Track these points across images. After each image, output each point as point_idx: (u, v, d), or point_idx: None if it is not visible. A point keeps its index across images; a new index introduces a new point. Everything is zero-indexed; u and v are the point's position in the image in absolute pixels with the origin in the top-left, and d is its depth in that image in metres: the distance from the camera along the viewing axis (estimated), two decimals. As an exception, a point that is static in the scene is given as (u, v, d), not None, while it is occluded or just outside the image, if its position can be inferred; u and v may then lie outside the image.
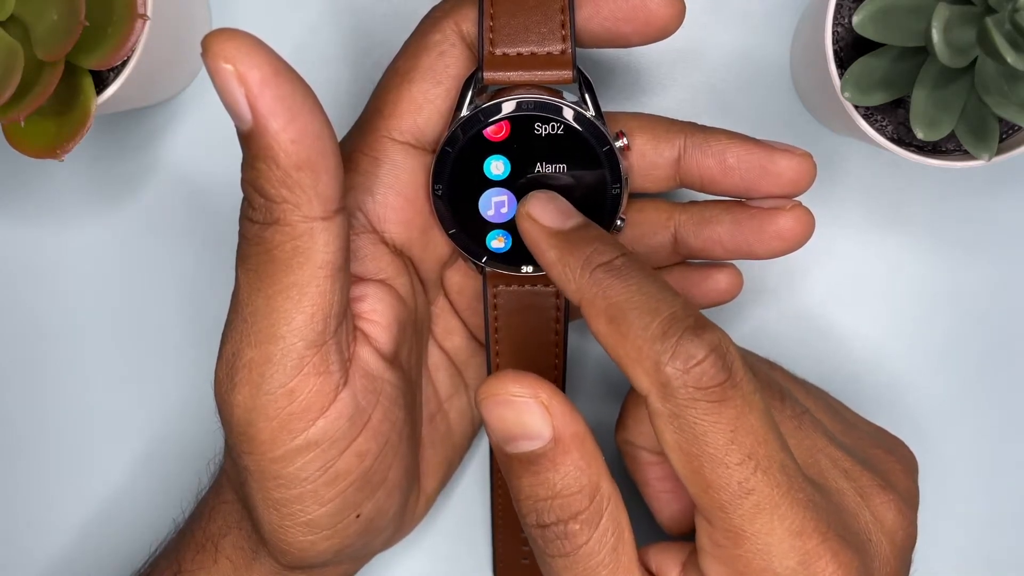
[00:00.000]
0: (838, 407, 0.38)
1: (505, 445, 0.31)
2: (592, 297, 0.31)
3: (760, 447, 0.29)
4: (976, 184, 0.44)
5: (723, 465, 0.29)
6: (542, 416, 0.30)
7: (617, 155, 0.35)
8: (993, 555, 0.44)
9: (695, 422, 0.29)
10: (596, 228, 0.33)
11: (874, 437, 0.37)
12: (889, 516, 0.33)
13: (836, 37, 0.38)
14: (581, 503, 0.30)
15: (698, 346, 0.29)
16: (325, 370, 0.32)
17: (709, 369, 0.29)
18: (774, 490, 0.29)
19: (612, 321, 0.30)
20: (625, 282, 0.30)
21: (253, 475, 0.33)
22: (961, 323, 0.44)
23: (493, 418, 0.31)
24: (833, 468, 0.33)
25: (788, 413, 0.34)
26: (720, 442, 0.29)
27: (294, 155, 0.30)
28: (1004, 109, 0.35)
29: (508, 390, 0.30)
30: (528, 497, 0.31)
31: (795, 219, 0.36)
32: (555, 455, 0.30)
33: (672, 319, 0.29)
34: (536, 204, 0.33)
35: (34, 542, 0.46)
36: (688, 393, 0.29)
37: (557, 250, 0.32)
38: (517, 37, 0.34)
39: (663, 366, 0.29)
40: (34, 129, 0.37)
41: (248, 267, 0.32)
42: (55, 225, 0.45)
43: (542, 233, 0.33)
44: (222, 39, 0.29)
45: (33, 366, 0.45)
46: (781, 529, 0.29)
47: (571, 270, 0.31)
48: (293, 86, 0.29)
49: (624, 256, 0.31)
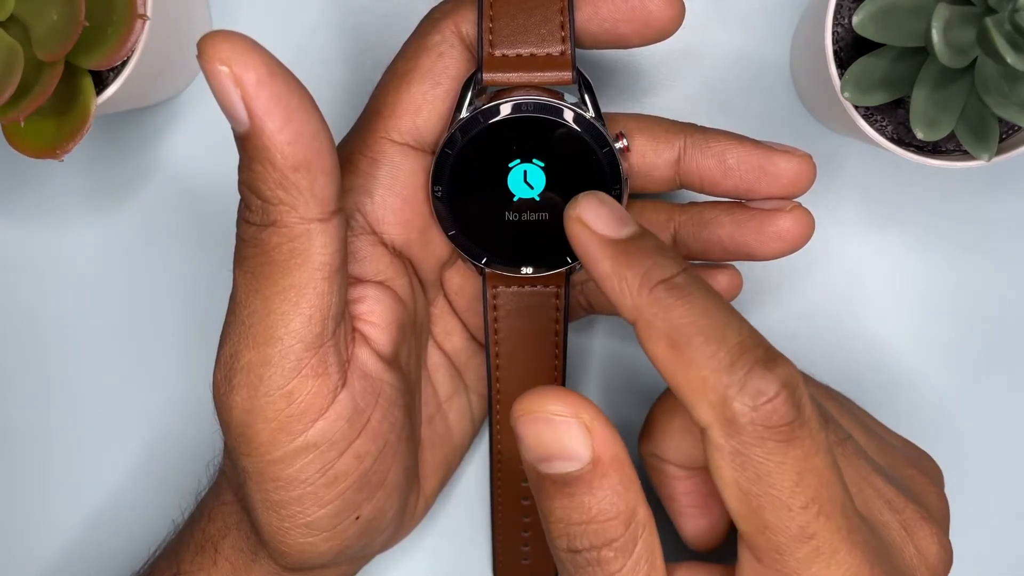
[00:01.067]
0: (865, 419, 0.37)
1: (539, 464, 0.29)
2: (651, 318, 0.29)
3: (824, 489, 0.28)
4: (976, 184, 0.44)
5: (786, 508, 0.28)
6: (583, 437, 0.28)
7: (617, 156, 0.35)
8: (992, 554, 0.44)
9: (760, 462, 0.27)
10: (655, 238, 0.31)
11: (904, 453, 0.36)
12: (933, 550, 0.32)
13: (836, 37, 0.38)
14: (616, 530, 0.29)
15: (770, 381, 0.27)
16: (323, 372, 0.32)
17: (780, 407, 0.27)
18: (835, 535, 0.28)
19: (674, 346, 0.28)
20: (689, 303, 0.28)
21: (252, 477, 0.33)
22: (961, 323, 0.44)
23: (529, 435, 0.29)
24: (878, 499, 0.32)
25: (833, 440, 0.32)
26: (785, 484, 0.28)
27: (290, 156, 0.30)
28: (1004, 109, 0.35)
29: (548, 408, 0.28)
30: (560, 520, 0.29)
31: (795, 220, 0.35)
32: (592, 478, 0.28)
33: (741, 349, 0.28)
34: (588, 207, 0.31)
35: (34, 542, 0.46)
36: (756, 432, 0.27)
37: (613, 261, 0.30)
38: (516, 38, 0.34)
39: (731, 401, 0.27)
40: (34, 129, 0.37)
41: (245, 269, 0.32)
42: (55, 225, 0.45)
43: (595, 241, 0.30)
44: (217, 41, 0.29)
45: (32, 366, 0.45)
46: (838, 574, 0.28)
47: (628, 285, 0.29)
48: (289, 87, 0.29)
49: (686, 273, 0.29)
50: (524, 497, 0.41)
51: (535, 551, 0.42)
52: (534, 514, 0.41)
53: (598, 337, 0.45)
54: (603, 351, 0.45)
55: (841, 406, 0.36)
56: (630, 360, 0.44)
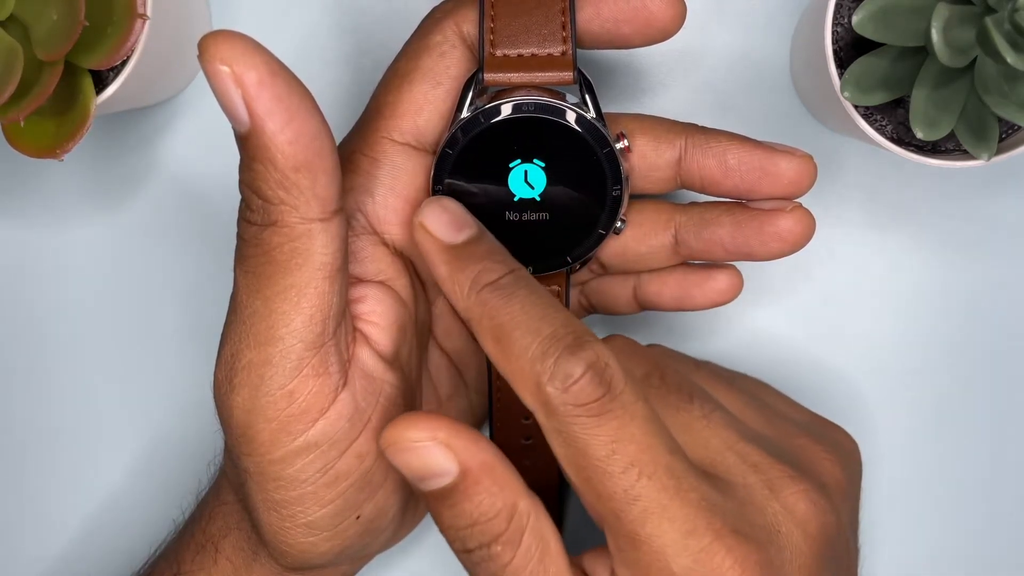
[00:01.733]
0: (769, 398, 0.38)
1: (418, 484, 0.31)
2: (479, 317, 0.31)
3: (643, 454, 0.30)
4: (976, 184, 0.44)
5: (608, 475, 0.30)
6: (444, 454, 0.31)
7: (618, 156, 0.35)
8: (992, 553, 0.44)
9: (577, 436, 0.30)
10: (487, 242, 0.33)
11: (804, 427, 0.36)
12: (800, 506, 0.32)
13: (836, 37, 0.38)
14: (499, 526, 0.31)
15: (575, 364, 0.30)
16: (324, 371, 0.32)
17: (586, 386, 0.30)
18: (661, 494, 0.30)
19: (498, 342, 0.31)
20: (509, 302, 0.31)
21: (253, 477, 0.33)
22: (961, 323, 0.44)
23: (400, 464, 0.31)
24: (741, 464, 0.33)
25: (696, 413, 0.34)
26: (602, 453, 0.30)
27: (291, 156, 0.30)
28: (1004, 109, 0.35)
29: (406, 437, 0.31)
30: (450, 527, 0.31)
31: (796, 220, 0.36)
32: (466, 487, 0.31)
33: (552, 338, 0.30)
34: (429, 214, 0.33)
35: (35, 542, 0.46)
36: (568, 411, 0.30)
37: (447, 266, 0.32)
38: (518, 38, 0.34)
39: (543, 386, 0.30)
40: (34, 129, 0.37)
41: (246, 269, 0.32)
42: (55, 225, 0.45)
43: (434, 245, 0.33)
44: (218, 41, 0.29)
45: (33, 366, 0.45)
46: (672, 530, 0.30)
47: (460, 288, 0.32)
48: (290, 87, 0.29)
49: (512, 274, 0.32)
50: (524, 497, 0.41)
51: (535, 551, 0.42)
52: (534, 514, 0.41)
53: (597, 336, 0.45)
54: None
55: (729, 383, 0.37)
56: (630, 360, 0.44)
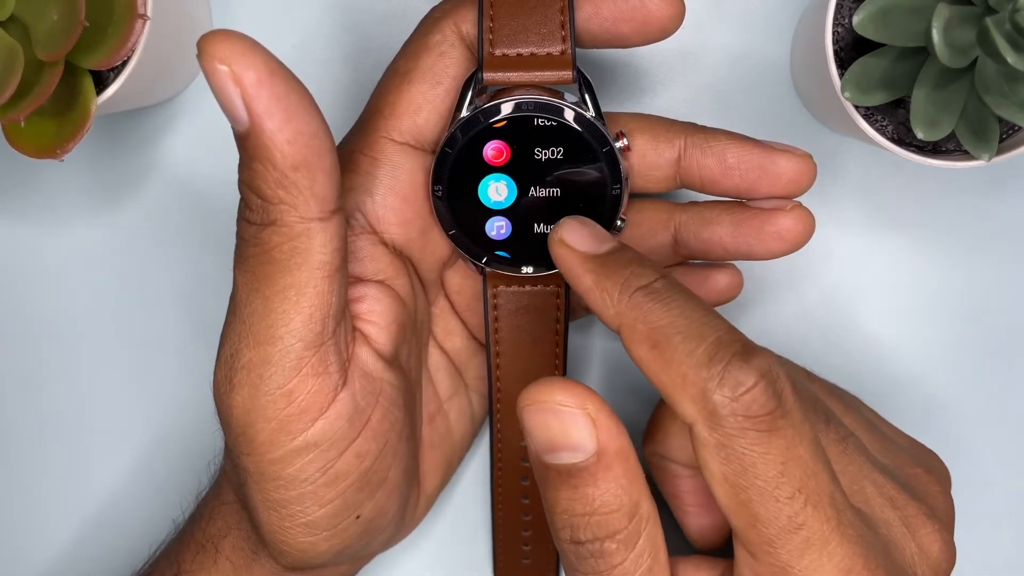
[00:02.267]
0: (872, 418, 0.37)
1: (544, 455, 0.29)
2: (632, 322, 0.30)
3: (810, 480, 0.28)
4: (976, 184, 0.44)
5: (773, 499, 0.28)
6: (588, 428, 0.29)
7: (617, 155, 0.35)
8: (990, 553, 0.44)
9: (744, 453, 0.28)
10: (632, 251, 0.32)
11: (911, 453, 0.36)
12: (935, 548, 0.32)
13: (836, 37, 0.38)
14: (620, 522, 0.29)
15: (747, 373, 0.28)
16: (324, 371, 0.32)
17: (759, 397, 0.28)
18: (824, 525, 0.28)
19: (655, 347, 0.29)
20: (667, 306, 0.29)
21: (252, 476, 0.33)
22: (961, 322, 0.44)
23: (536, 425, 0.29)
24: (879, 496, 0.32)
25: (833, 437, 0.33)
26: (770, 475, 0.28)
27: (290, 156, 0.30)
28: (1004, 109, 0.35)
29: (555, 399, 0.29)
30: (564, 511, 0.30)
31: (795, 219, 0.36)
32: (597, 470, 0.29)
33: (719, 344, 0.28)
34: (569, 230, 0.32)
35: (34, 542, 0.46)
36: (737, 422, 0.28)
37: (594, 275, 0.31)
38: (517, 38, 0.34)
39: (710, 394, 0.28)
40: (34, 129, 0.37)
41: (246, 268, 0.32)
42: (55, 225, 0.45)
43: (576, 259, 0.32)
44: (217, 40, 0.29)
45: (32, 366, 0.45)
46: (830, 566, 0.28)
47: (609, 295, 0.30)
48: (289, 86, 0.29)
49: (664, 279, 0.30)
50: (524, 496, 0.41)
51: (535, 551, 0.42)
52: (534, 514, 0.41)
53: (598, 337, 0.45)
54: (603, 351, 0.45)
55: (846, 404, 0.36)
56: (630, 360, 0.44)
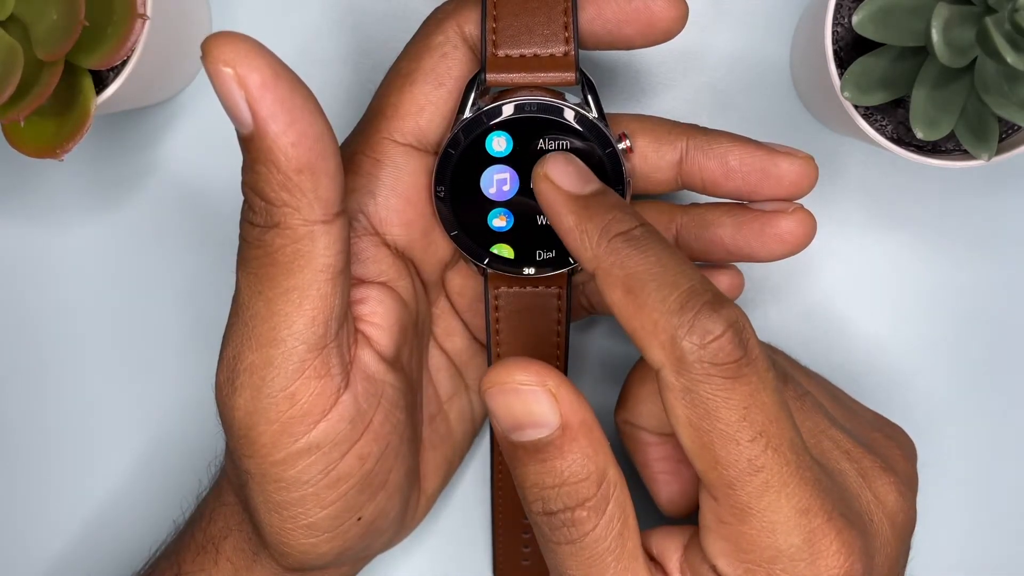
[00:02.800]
0: (838, 393, 0.38)
1: (511, 434, 0.30)
2: (609, 266, 0.30)
3: (772, 425, 0.29)
4: (976, 184, 0.44)
5: (734, 441, 0.29)
6: (550, 404, 0.30)
7: (620, 157, 0.35)
8: (990, 553, 0.44)
9: (708, 397, 0.29)
10: (615, 195, 0.32)
11: (874, 423, 0.37)
12: (890, 498, 0.33)
13: (836, 37, 0.38)
14: (588, 490, 0.30)
15: (716, 321, 0.28)
16: (326, 373, 0.32)
17: (726, 345, 0.28)
18: (783, 468, 0.29)
19: (629, 292, 0.30)
20: (644, 253, 0.30)
21: (254, 478, 0.33)
22: (961, 322, 0.44)
23: (499, 407, 0.30)
24: (835, 449, 0.33)
25: (791, 394, 0.34)
26: (732, 418, 0.29)
27: (294, 158, 0.30)
28: (1004, 109, 0.35)
29: (514, 378, 0.30)
30: (534, 485, 0.31)
31: (797, 222, 0.36)
32: (562, 443, 0.30)
33: (691, 293, 0.29)
34: (554, 166, 0.32)
35: (34, 542, 0.45)
36: (703, 368, 0.29)
37: (575, 216, 0.31)
38: (520, 39, 0.34)
39: (680, 340, 0.29)
40: (34, 129, 0.37)
41: (249, 270, 0.32)
42: (55, 225, 0.45)
43: (559, 196, 0.32)
44: (221, 42, 0.29)
45: (33, 366, 0.45)
46: (788, 507, 0.29)
47: (589, 237, 0.31)
48: (293, 89, 0.29)
49: (643, 227, 0.31)
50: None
51: (535, 551, 0.42)
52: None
53: (599, 337, 0.45)
54: (604, 351, 0.45)
55: (808, 375, 0.37)
56: (631, 360, 0.44)
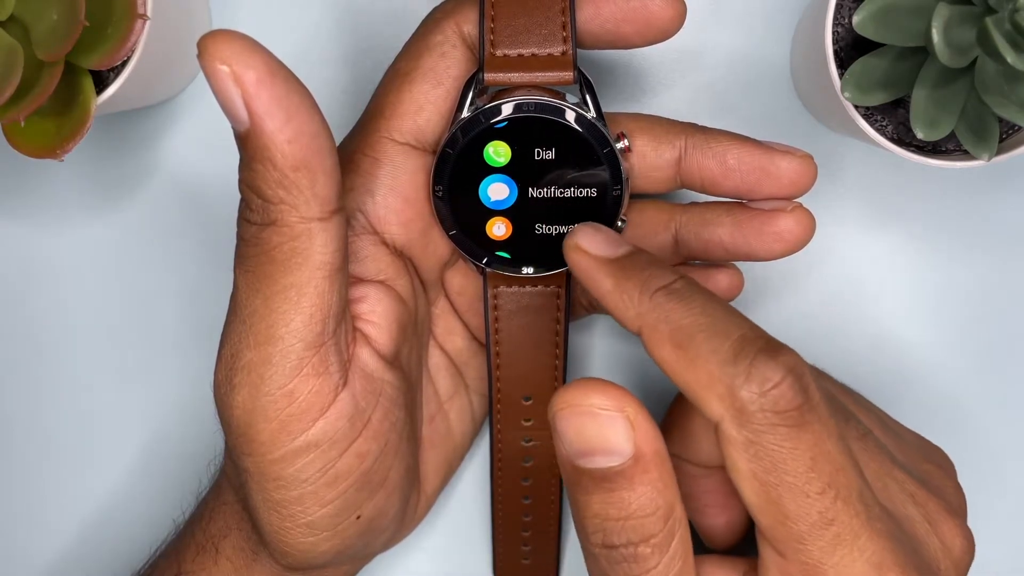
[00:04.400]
0: (883, 416, 0.37)
1: (578, 459, 0.29)
2: (654, 322, 0.29)
3: (839, 475, 0.28)
4: (976, 184, 0.44)
5: (803, 495, 0.28)
6: (626, 431, 0.28)
7: (618, 156, 0.35)
8: (993, 553, 0.44)
9: (773, 449, 0.28)
10: (648, 253, 0.32)
11: (920, 449, 0.36)
12: (957, 543, 0.32)
13: (836, 37, 0.38)
14: (655, 526, 0.29)
15: (774, 368, 0.28)
16: (324, 371, 0.32)
17: (787, 392, 0.28)
18: (854, 520, 0.28)
19: (679, 346, 0.29)
20: (688, 305, 0.29)
21: (253, 476, 0.33)
22: (961, 322, 0.44)
23: (570, 429, 0.28)
24: (900, 492, 0.32)
25: (853, 434, 0.32)
26: (800, 470, 0.28)
27: (291, 156, 0.30)
28: (1004, 109, 0.35)
29: (592, 401, 0.28)
30: (596, 515, 0.29)
31: (796, 220, 0.36)
32: (634, 474, 0.28)
33: (743, 341, 0.28)
34: (584, 235, 0.32)
35: (34, 542, 0.46)
36: (765, 418, 0.28)
37: (613, 278, 0.31)
38: (518, 38, 0.34)
39: (738, 390, 0.28)
40: (34, 129, 0.37)
41: (246, 268, 0.32)
42: (55, 225, 0.45)
43: (594, 263, 0.32)
44: (217, 40, 0.29)
45: (33, 366, 0.45)
46: (861, 561, 0.28)
47: (629, 297, 0.30)
48: (289, 86, 0.29)
49: (683, 279, 0.30)
50: (524, 497, 0.41)
51: (535, 551, 0.42)
52: (534, 514, 0.41)
53: (599, 336, 0.45)
54: (604, 350, 0.45)
55: (857, 403, 0.36)
56: (631, 359, 0.44)
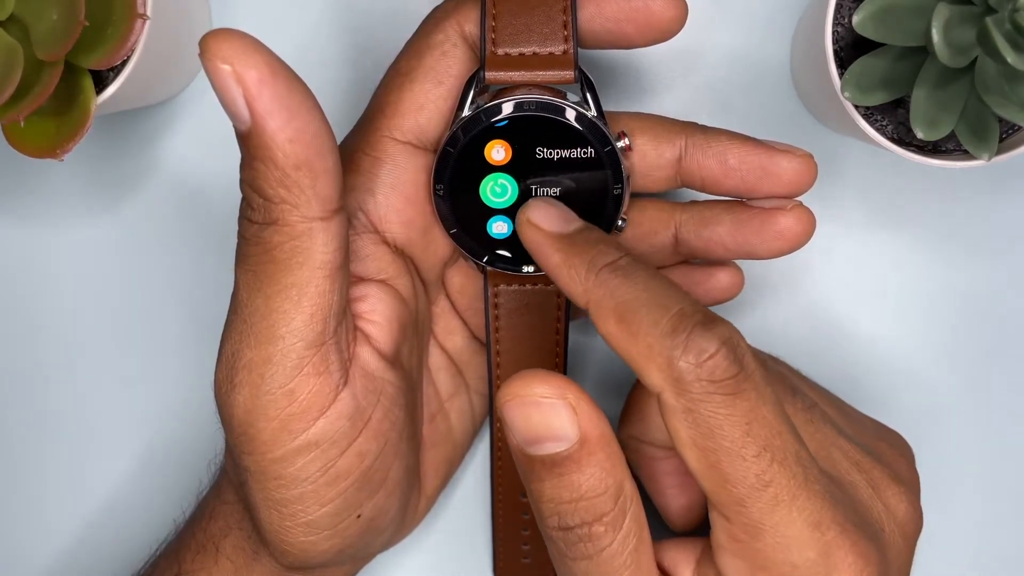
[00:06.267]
0: (838, 402, 0.38)
1: (528, 447, 0.30)
2: (600, 297, 0.30)
3: (775, 439, 0.29)
4: (976, 184, 0.44)
5: (740, 458, 0.29)
6: (569, 417, 0.29)
7: (619, 155, 0.35)
8: (990, 554, 0.44)
9: (710, 416, 0.29)
10: (598, 231, 0.33)
11: (875, 431, 0.37)
12: (901, 507, 0.33)
13: (836, 37, 0.38)
14: (606, 505, 0.30)
15: (709, 340, 0.29)
16: (325, 370, 0.32)
17: (722, 362, 0.29)
18: (791, 481, 0.29)
19: (621, 320, 0.30)
20: (631, 281, 0.30)
21: (254, 475, 0.33)
22: (961, 323, 0.44)
23: (517, 419, 0.30)
24: (845, 460, 0.33)
25: (799, 406, 0.34)
26: (736, 435, 0.29)
27: (292, 155, 0.30)
28: (1004, 109, 0.35)
29: (534, 391, 0.29)
30: (551, 499, 0.30)
31: (796, 219, 0.36)
32: (581, 456, 0.30)
33: (681, 315, 0.29)
34: (537, 210, 0.33)
35: (35, 542, 0.45)
36: (702, 387, 0.29)
37: (562, 253, 0.32)
38: (519, 37, 0.34)
39: (676, 361, 0.29)
40: (34, 129, 0.37)
41: (247, 267, 0.32)
42: (55, 225, 0.45)
43: (545, 238, 0.33)
44: (219, 39, 0.29)
45: (33, 366, 0.45)
46: (800, 521, 0.29)
47: (577, 272, 0.31)
48: (290, 86, 0.30)
49: (628, 256, 0.31)
50: (524, 496, 0.41)
51: (535, 551, 0.42)
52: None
53: (598, 336, 0.45)
54: (604, 349, 0.45)
55: (814, 388, 0.37)
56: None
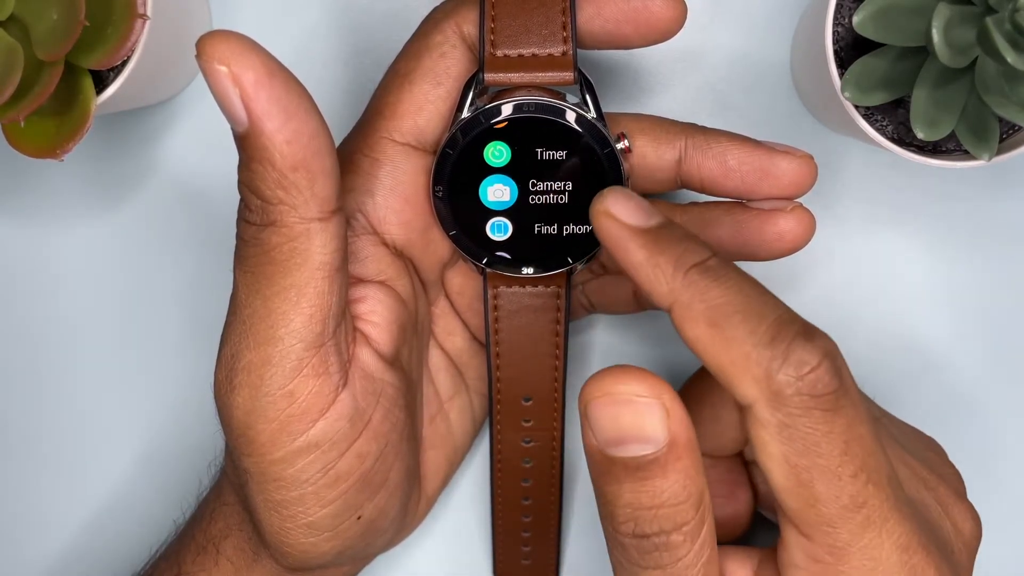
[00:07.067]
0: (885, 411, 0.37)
1: (610, 448, 0.28)
2: (688, 300, 0.28)
3: (871, 458, 0.28)
4: (976, 184, 0.44)
5: (836, 477, 0.28)
6: (661, 419, 0.28)
7: (618, 157, 0.35)
8: (990, 554, 0.44)
9: (808, 432, 0.27)
10: (681, 227, 0.30)
11: (918, 439, 0.36)
12: (967, 526, 0.32)
13: (836, 37, 0.38)
14: (688, 514, 0.29)
15: (811, 352, 0.27)
16: (324, 371, 0.32)
17: (824, 376, 0.27)
18: (884, 503, 0.28)
19: (714, 325, 0.28)
20: (723, 284, 0.28)
21: (253, 477, 0.33)
22: (961, 323, 0.44)
23: (605, 418, 0.28)
24: (913, 479, 0.32)
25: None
26: (834, 453, 0.27)
27: (289, 156, 0.30)
28: (1004, 109, 0.35)
29: (629, 389, 0.28)
30: (628, 504, 0.29)
31: (796, 220, 0.36)
32: (667, 461, 0.28)
33: (780, 323, 0.28)
34: (616, 202, 0.31)
35: (34, 542, 0.46)
36: (802, 401, 0.27)
37: (646, 250, 0.29)
38: (518, 39, 0.34)
39: (775, 373, 0.27)
40: (34, 129, 0.37)
41: (246, 269, 0.32)
42: (55, 225, 0.45)
43: (626, 231, 0.30)
44: (216, 41, 0.29)
45: (32, 366, 0.45)
46: (889, 544, 0.28)
47: (663, 271, 0.29)
48: (288, 87, 0.30)
49: (717, 256, 0.29)
50: (524, 497, 0.41)
51: (535, 551, 0.42)
52: (534, 514, 0.41)
53: (598, 337, 0.45)
54: (604, 350, 0.45)
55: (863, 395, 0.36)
56: (630, 358, 0.44)
